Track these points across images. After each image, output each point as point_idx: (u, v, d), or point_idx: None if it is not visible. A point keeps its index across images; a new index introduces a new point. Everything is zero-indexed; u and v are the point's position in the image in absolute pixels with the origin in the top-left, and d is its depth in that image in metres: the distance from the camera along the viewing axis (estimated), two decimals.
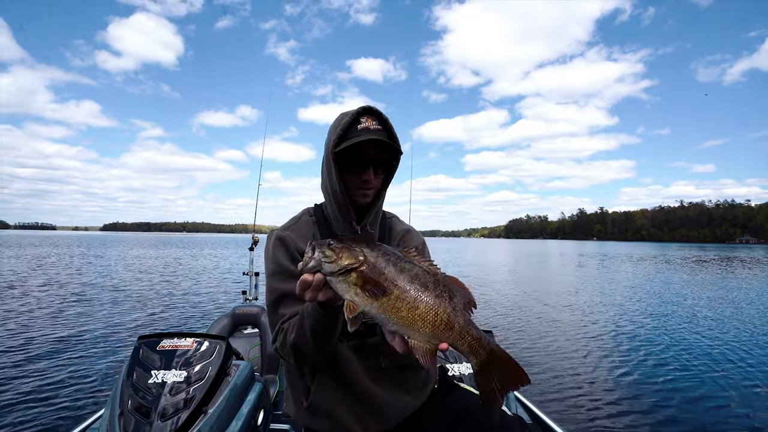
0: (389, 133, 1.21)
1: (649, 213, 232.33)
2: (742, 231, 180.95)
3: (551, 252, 46.91)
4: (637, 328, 7.29)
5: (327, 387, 1.18)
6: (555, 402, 3.94)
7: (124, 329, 6.67)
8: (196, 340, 1.96)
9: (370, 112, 1.20)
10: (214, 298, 10.01)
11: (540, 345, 6.07)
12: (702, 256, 37.54)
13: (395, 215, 1.48)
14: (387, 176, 1.29)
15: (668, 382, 4.53)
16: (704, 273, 19.57)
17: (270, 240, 1.27)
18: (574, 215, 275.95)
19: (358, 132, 1.16)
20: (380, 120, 1.21)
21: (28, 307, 8.35)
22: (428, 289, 0.83)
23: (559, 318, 8.15)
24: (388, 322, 0.83)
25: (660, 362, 5.28)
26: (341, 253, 0.85)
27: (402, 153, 1.24)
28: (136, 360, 1.83)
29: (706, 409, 3.84)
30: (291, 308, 1.16)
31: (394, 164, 1.29)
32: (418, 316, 0.81)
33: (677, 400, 4.03)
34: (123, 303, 9.13)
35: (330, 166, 1.20)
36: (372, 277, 0.83)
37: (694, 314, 8.72)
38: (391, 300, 0.81)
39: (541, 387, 4.34)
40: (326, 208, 1.30)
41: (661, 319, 8.16)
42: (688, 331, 7.12)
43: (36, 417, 3.46)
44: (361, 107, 1.20)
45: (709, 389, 4.33)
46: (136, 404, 1.67)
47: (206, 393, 1.74)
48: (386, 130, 1.21)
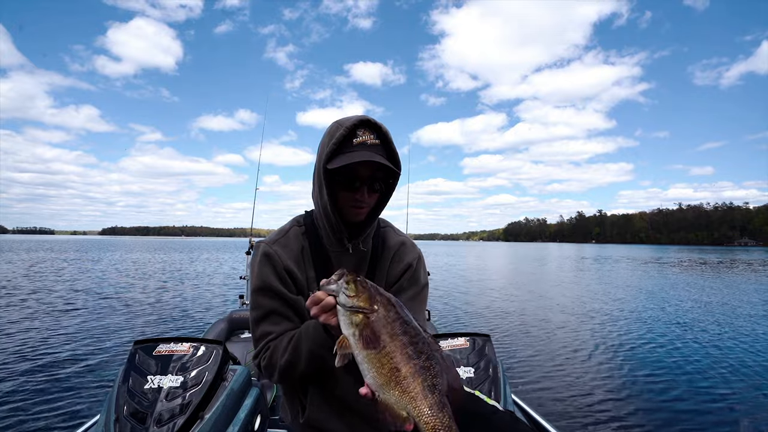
0: (388, 149, 1.10)
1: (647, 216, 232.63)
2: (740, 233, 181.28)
3: (550, 255, 46.93)
4: (636, 330, 7.29)
5: (321, 403, 1.16)
6: (552, 403, 3.93)
7: (120, 334, 6.65)
8: (193, 344, 1.95)
9: (368, 125, 1.08)
10: (211, 303, 9.98)
11: (537, 347, 6.07)
12: (701, 259, 37.59)
13: (389, 224, 1.34)
14: (385, 192, 1.18)
15: (668, 384, 4.53)
16: (704, 275, 19.59)
17: (257, 254, 1.19)
18: (572, 218, 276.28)
19: (354, 147, 1.06)
20: (379, 134, 1.09)
21: (24, 313, 8.32)
22: (415, 360, 0.83)
23: (557, 321, 8.14)
24: (368, 373, 0.84)
25: (659, 364, 5.28)
26: (362, 294, 0.87)
27: (400, 172, 1.12)
28: (132, 365, 1.82)
29: (704, 410, 3.84)
30: (276, 326, 1.13)
31: (392, 182, 1.17)
32: (395, 379, 0.82)
33: (676, 402, 4.04)
34: (119, 308, 9.10)
35: (321, 182, 1.11)
36: (374, 328, 0.85)
37: (693, 317, 8.73)
38: (379, 355, 0.83)
39: (537, 389, 4.34)
40: (317, 219, 1.22)
41: (659, 321, 8.16)
42: (686, 333, 7.12)
43: (31, 422, 3.44)
44: (358, 119, 1.07)
45: (708, 390, 4.33)
46: (131, 410, 1.66)
47: (203, 398, 1.73)
48: (385, 144, 1.10)
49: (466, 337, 2.21)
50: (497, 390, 1.96)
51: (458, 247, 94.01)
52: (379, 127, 1.09)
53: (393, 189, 1.19)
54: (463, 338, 2.21)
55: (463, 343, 2.19)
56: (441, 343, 2.18)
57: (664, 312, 9.32)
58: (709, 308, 9.89)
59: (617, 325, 7.83)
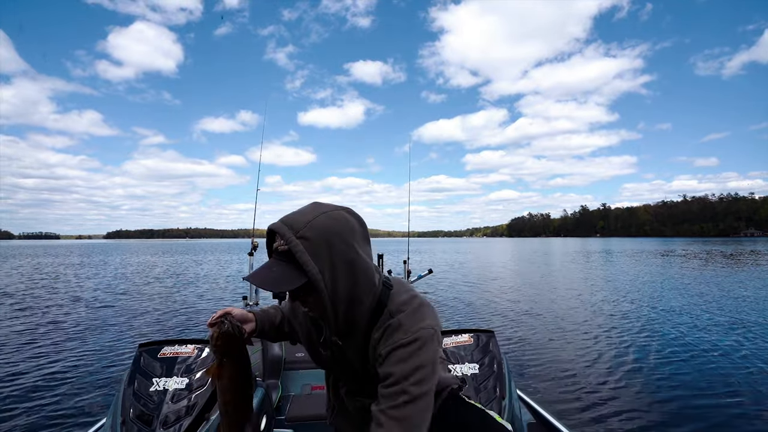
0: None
1: (652, 208, 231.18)
2: (746, 224, 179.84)
3: (554, 250, 46.79)
4: (644, 323, 7.24)
5: None
6: (557, 398, 3.91)
7: (125, 337, 6.68)
8: (197, 346, 1.96)
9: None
10: (215, 304, 10.02)
11: (542, 342, 6.04)
12: (709, 251, 37.34)
13: (394, 308, 1.00)
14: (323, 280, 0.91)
15: (677, 376, 4.49)
16: (714, 267, 19.46)
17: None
18: (576, 212, 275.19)
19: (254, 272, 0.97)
20: (270, 244, 0.98)
21: (28, 316, 8.38)
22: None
23: (562, 314, 8.11)
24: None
25: (668, 357, 5.24)
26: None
27: (295, 245, 0.90)
28: (137, 368, 1.83)
29: (716, 406, 3.78)
30: None
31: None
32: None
33: (685, 396, 3.99)
34: (123, 311, 9.14)
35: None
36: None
37: (704, 309, 8.67)
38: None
39: (543, 384, 4.32)
40: None
41: (668, 312, 8.12)
42: (697, 326, 7.07)
43: (36, 426, 3.46)
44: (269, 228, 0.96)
45: (721, 385, 4.27)
46: (137, 412, 1.67)
47: (208, 400, 1.73)
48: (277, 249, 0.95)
49: (469, 334, 2.21)
50: (502, 386, 1.95)
51: (461, 244, 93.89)
52: (273, 235, 0.97)
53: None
54: (466, 335, 2.20)
55: (467, 339, 2.18)
56: (445, 340, 2.18)
57: (673, 304, 9.26)
58: (720, 302, 9.82)
59: (624, 318, 7.79)
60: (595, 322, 7.52)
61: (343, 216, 0.96)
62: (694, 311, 8.44)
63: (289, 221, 0.93)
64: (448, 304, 9.68)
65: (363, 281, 0.96)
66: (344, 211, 0.98)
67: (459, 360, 2.09)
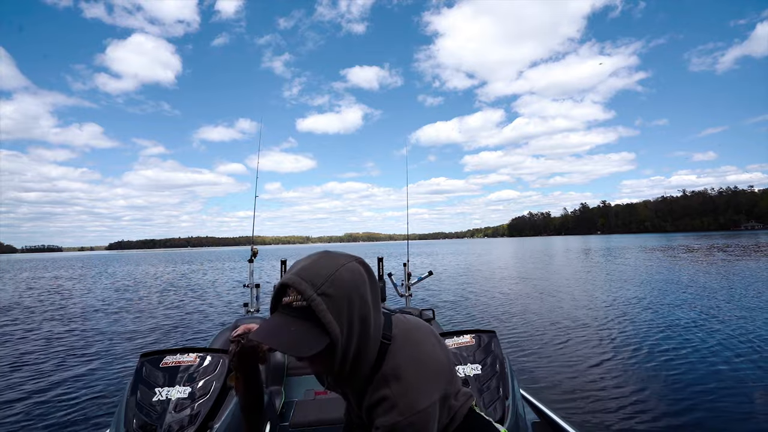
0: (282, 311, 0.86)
1: (652, 204, 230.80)
2: (747, 217, 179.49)
3: (555, 248, 46.72)
4: (647, 319, 7.22)
5: None
6: (561, 396, 3.90)
7: (126, 347, 6.68)
8: (199, 355, 1.96)
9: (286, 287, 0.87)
10: (216, 312, 10.00)
11: (544, 340, 6.02)
12: (710, 245, 37.28)
13: (389, 371, 0.92)
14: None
15: (682, 374, 4.47)
16: (717, 261, 19.42)
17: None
18: (576, 210, 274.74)
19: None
20: (276, 303, 0.88)
21: (30, 328, 8.38)
22: None
23: (564, 312, 8.09)
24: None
25: (672, 354, 5.22)
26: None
27: (306, 302, 0.82)
28: (139, 378, 1.83)
29: (723, 404, 3.75)
30: None
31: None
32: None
33: (690, 394, 3.97)
34: (124, 321, 9.14)
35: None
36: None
37: (710, 305, 8.64)
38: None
39: (546, 382, 4.31)
40: None
41: (671, 308, 8.09)
42: (704, 323, 7.04)
43: None
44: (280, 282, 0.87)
45: (728, 383, 4.22)
46: (140, 423, 1.66)
47: (211, 408, 1.74)
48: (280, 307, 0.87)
49: (471, 335, 2.21)
50: (505, 386, 1.95)
51: (462, 245, 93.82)
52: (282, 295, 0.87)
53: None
54: (468, 336, 2.20)
55: (468, 340, 2.18)
56: (447, 342, 2.18)
57: (677, 301, 9.24)
58: (727, 296, 9.79)
59: (627, 314, 7.77)
60: (599, 318, 7.50)
61: (358, 268, 0.90)
62: (700, 307, 8.41)
63: (307, 275, 0.83)
64: (448, 305, 9.66)
65: (372, 337, 0.91)
66: (357, 262, 0.91)
67: (461, 361, 2.09)
